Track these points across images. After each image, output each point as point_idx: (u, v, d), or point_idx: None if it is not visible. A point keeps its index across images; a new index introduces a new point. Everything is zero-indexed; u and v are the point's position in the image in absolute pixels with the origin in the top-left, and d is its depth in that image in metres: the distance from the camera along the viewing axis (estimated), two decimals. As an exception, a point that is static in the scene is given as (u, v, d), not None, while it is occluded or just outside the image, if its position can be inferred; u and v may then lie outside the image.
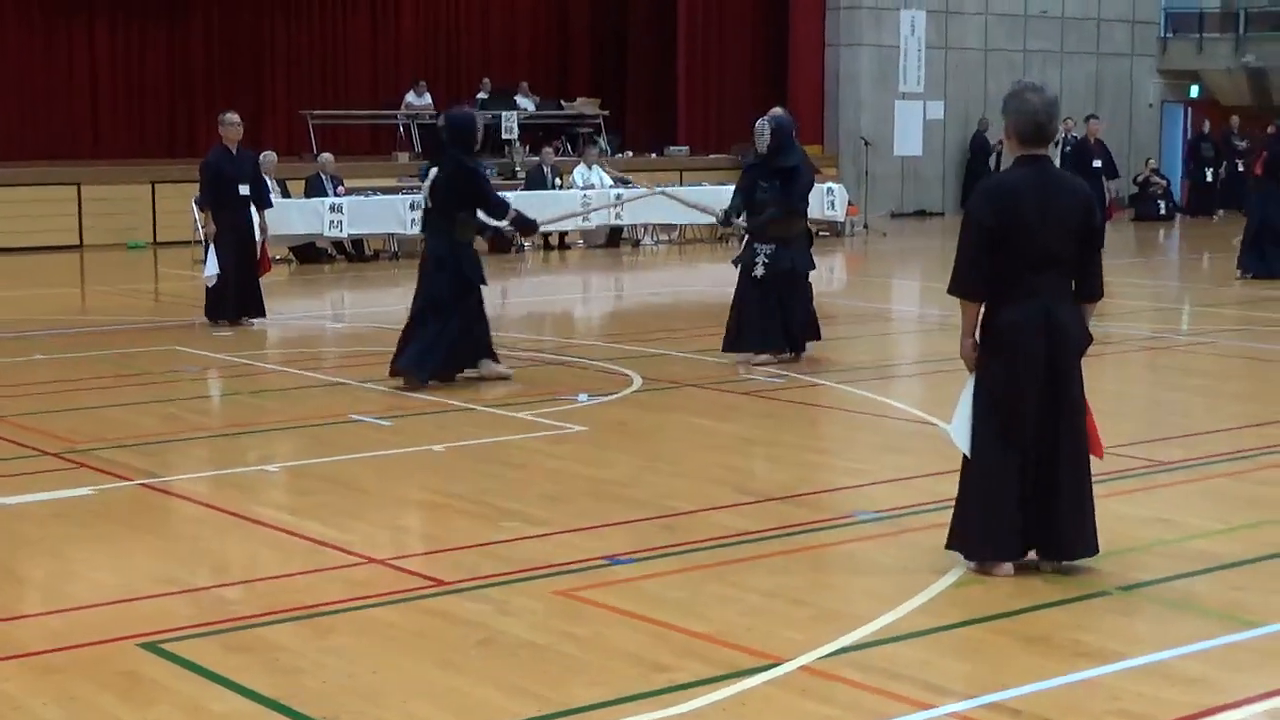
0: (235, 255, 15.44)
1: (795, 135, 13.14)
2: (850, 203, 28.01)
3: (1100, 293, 6.92)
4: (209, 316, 15.53)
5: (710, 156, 30.96)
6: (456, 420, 10.44)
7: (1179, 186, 35.23)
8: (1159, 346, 14.16)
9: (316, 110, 29.18)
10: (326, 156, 23.96)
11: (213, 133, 29.72)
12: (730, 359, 12.70)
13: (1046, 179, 6.73)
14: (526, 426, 10.16)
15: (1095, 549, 6.78)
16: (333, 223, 22.13)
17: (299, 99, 30.02)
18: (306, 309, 18.13)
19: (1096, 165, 23.85)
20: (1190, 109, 37.84)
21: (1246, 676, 5.58)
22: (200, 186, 15.79)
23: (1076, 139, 24.40)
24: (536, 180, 25.08)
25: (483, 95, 30.56)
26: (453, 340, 11.66)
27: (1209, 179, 33.75)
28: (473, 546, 7.27)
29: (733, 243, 20.13)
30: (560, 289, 20.73)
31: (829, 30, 32.68)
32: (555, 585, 6.60)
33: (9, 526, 7.67)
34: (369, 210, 23.00)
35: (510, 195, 13.92)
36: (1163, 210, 32.95)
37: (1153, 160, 34.04)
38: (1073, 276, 6.79)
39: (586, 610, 6.28)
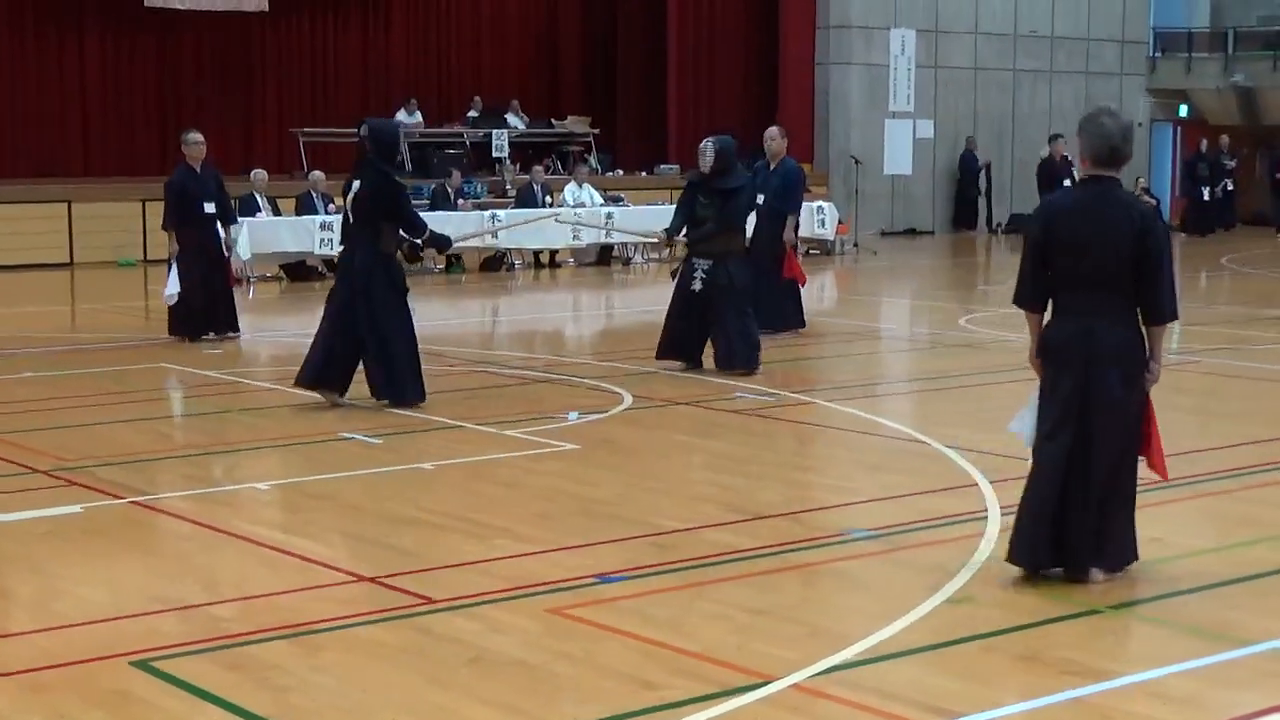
0: (202, 273, 15.49)
1: (737, 156, 13.49)
2: (840, 221, 28.04)
3: (1166, 315, 6.91)
4: (174, 334, 15.57)
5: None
6: (446, 438, 10.43)
7: (1168, 205, 35.30)
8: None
9: (307, 128, 29.18)
10: (317, 174, 23.94)
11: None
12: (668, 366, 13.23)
13: (1104, 201, 6.84)
14: (517, 444, 10.15)
15: (1112, 563, 6.87)
16: (323, 240, 22.09)
17: (290, 117, 30.02)
18: (297, 326, 18.08)
19: (1066, 184, 23.89)
20: (1179, 128, 37.95)
21: (1239, 695, 5.58)
22: (165, 206, 15.79)
23: (1043, 159, 24.37)
24: (527, 199, 25.09)
25: (474, 113, 30.60)
26: (413, 346, 11.64)
27: (1206, 198, 33.81)
28: (463, 564, 7.26)
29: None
30: (550, 307, 20.73)
31: (819, 49, 32.74)
32: (545, 603, 6.59)
33: (-2, 544, 7.66)
34: (359, 228, 22.93)
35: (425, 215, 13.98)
36: (1151, 229, 32.99)
37: (1143, 179, 34.10)
38: (1129, 297, 6.85)
39: (577, 628, 6.27)
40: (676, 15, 32.05)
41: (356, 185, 11.64)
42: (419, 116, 29.81)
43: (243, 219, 22.25)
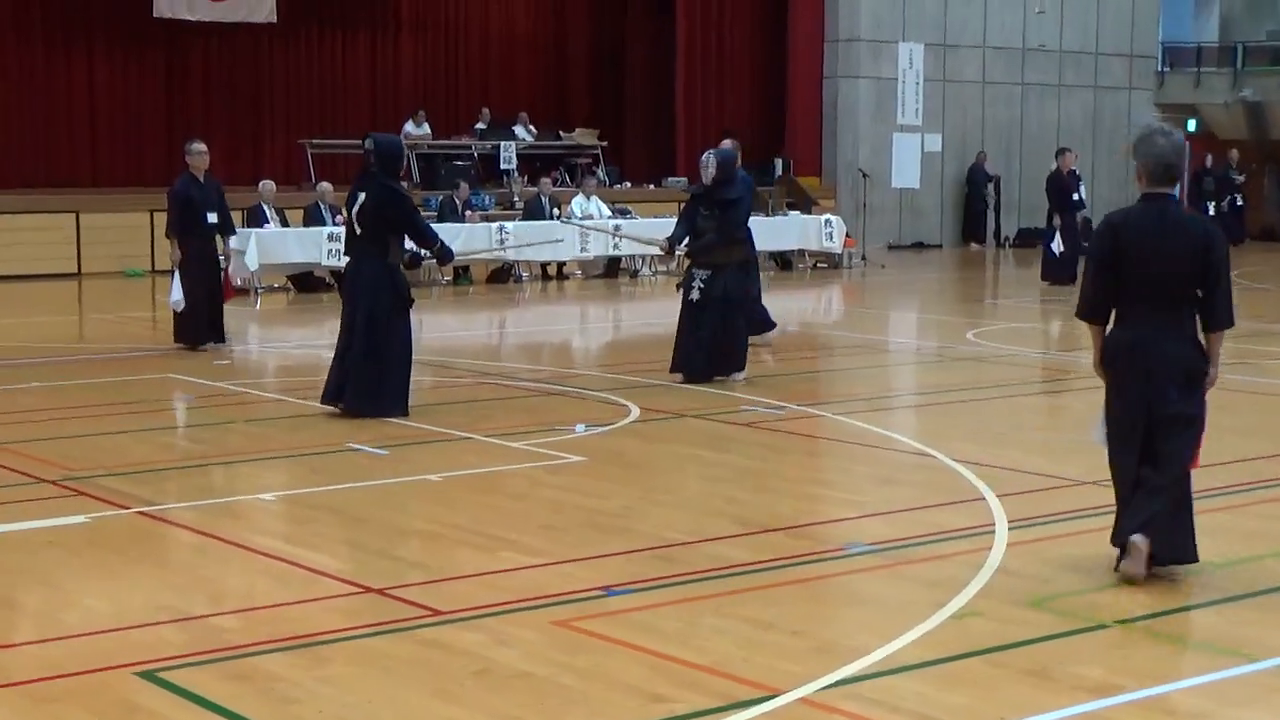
0: (205, 282, 15.58)
1: (739, 167, 13.75)
2: (848, 235, 28.03)
3: (1224, 323, 7.22)
4: (179, 341, 15.64)
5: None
6: (454, 450, 10.42)
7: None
8: (1157, 379, 14.13)
9: (315, 139, 29.22)
10: (325, 186, 23.97)
11: (212, 162, 29.91)
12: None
13: (1165, 217, 7.15)
14: (524, 456, 10.14)
15: (1181, 555, 7.17)
16: (331, 252, 22.08)
17: (297, 128, 30.07)
18: (303, 338, 18.11)
19: (1076, 197, 23.91)
20: (1188, 143, 37.90)
21: (1246, 711, 5.56)
22: (168, 215, 15.86)
23: (1051, 172, 24.38)
24: (535, 211, 25.09)
25: (481, 125, 30.63)
26: (407, 361, 11.70)
27: (1211, 212, 33.78)
28: (470, 576, 7.25)
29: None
30: (558, 319, 20.73)
31: (827, 62, 32.76)
32: (552, 615, 6.57)
33: (4, 554, 7.64)
34: (367, 240, 22.96)
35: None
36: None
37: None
38: (1190, 308, 7.17)
39: (584, 641, 6.26)
40: (685, 28, 32.08)
41: (362, 198, 11.63)
42: (427, 128, 29.84)
43: (250, 230, 22.33)
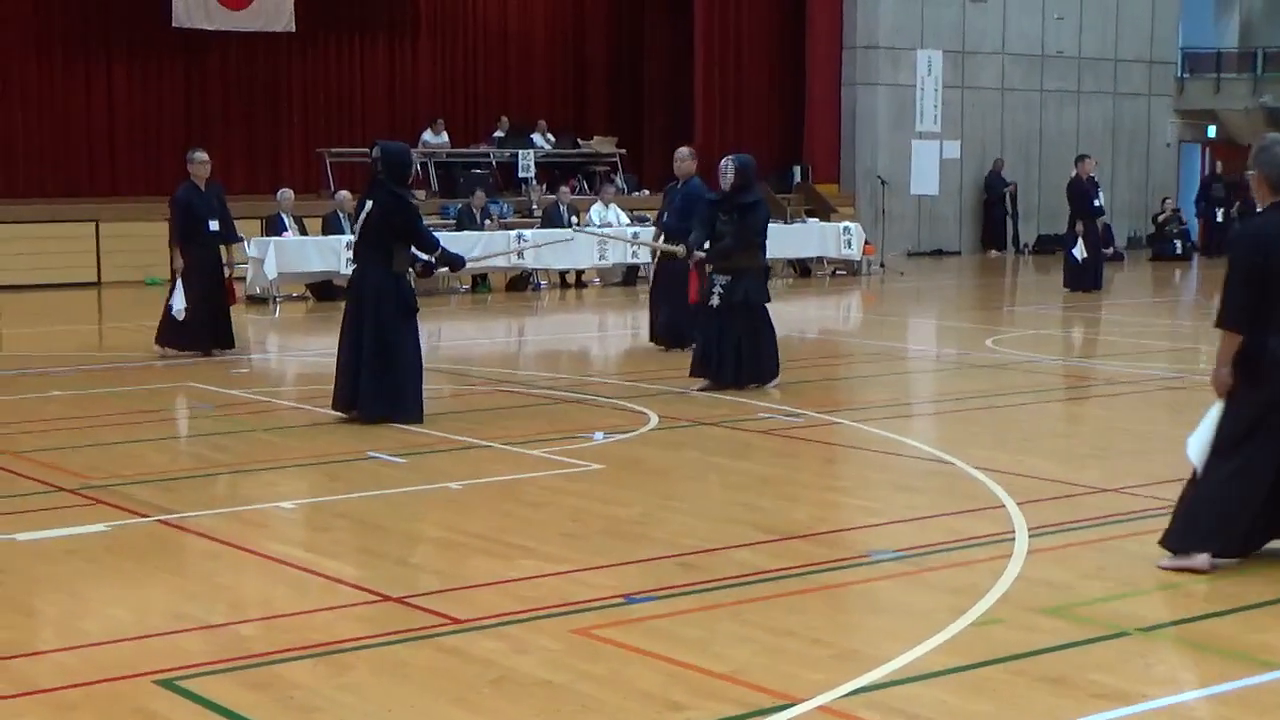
0: (207, 289, 15.65)
1: (756, 175, 13.83)
2: (867, 242, 28.03)
3: None
4: (182, 349, 15.72)
5: (727, 195, 30.94)
6: (473, 457, 10.42)
7: (1195, 226, 35.24)
8: (1178, 386, 14.10)
9: (334, 148, 29.28)
10: (344, 194, 24.01)
11: (231, 171, 30.07)
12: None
13: None
14: (543, 464, 10.13)
15: None
16: (349, 260, 22.10)
17: (316, 137, 30.14)
18: (322, 346, 18.11)
19: (1096, 204, 23.87)
20: (1208, 149, 37.85)
21: (1268, 719, 5.53)
22: (170, 223, 15.92)
23: (1071, 179, 24.33)
24: (553, 219, 25.11)
25: (500, 133, 30.68)
26: (418, 367, 11.76)
27: (1220, 219, 33.73)
28: (488, 584, 7.24)
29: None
30: (577, 327, 20.73)
31: (846, 70, 32.78)
32: (571, 623, 6.56)
33: (25, 563, 7.66)
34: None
35: (440, 235, 14.14)
36: (1179, 250, 32.91)
37: (1170, 200, 34.03)
38: None
39: (602, 649, 6.25)
40: (703, 36, 32.10)
41: (369, 206, 11.67)
42: (445, 136, 29.89)
43: (269, 238, 22.40)
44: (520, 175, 29.43)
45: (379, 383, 11.57)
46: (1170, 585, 7.18)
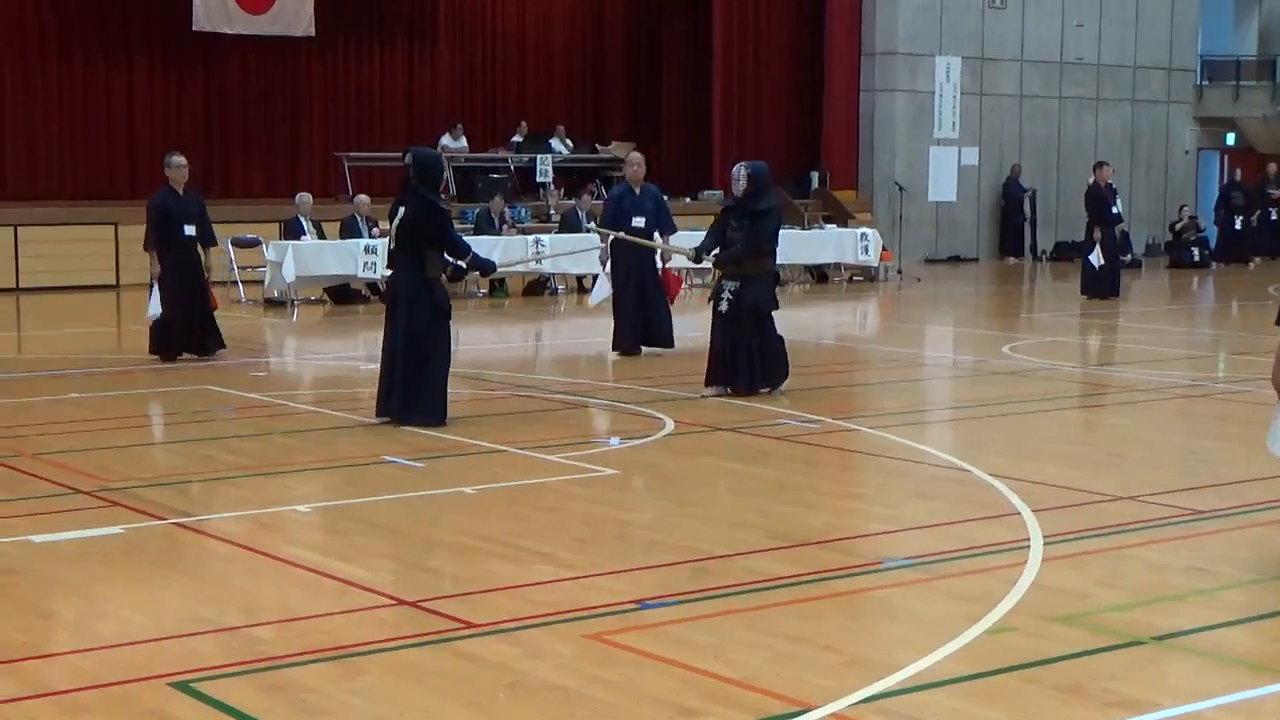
0: (182, 294, 15.69)
1: (770, 183, 13.77)
2: (884, 248, 28.01)
3: None
4: (154, 353, 15.79)
5: (745, 201, 30.95)
6: (488, 462, 10.43)
7: (1214, 233, 35.16)
8: (1196, 394, 14.08)
9: (352, 152, 29.34)
10: (362, 198, 24.06)
11: (250, 174, 30.15)
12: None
13: None
14: (558, 469, 10.14)
15: None
16: (366, 264, 22.19)
17: (335, 141, 30.21)
18: (339, 350, 18.17)
19: (1115, 211, 23.84)
20: (1226, 156, 37.78)
21: (1282, 728, 5.53)
22: (146, 228, 15.95)
23: (1089, 186, 24.30)
24: (571, 224, 25.12)
25: (518, 138, 30.71)
26: (446, 371, 11.86)
27: (1238, 226, 33.64)
28: (503, 589, 7.25)
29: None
30: (594, 331, 20.70)
31: (864, 76, 32.76)
32: (584, 629, 6.57)
33: (41, 565, 7.68)
34: (403, 252, 23.03)
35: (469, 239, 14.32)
36: (1197, 257, 32.84)
37: (1187, 207, 33.94)
38: None
39: (615, 654, 6.25)
40: (721, 41, 32.12)
41: (402, 211, 11.77)
42: (464, 141, 29.93)
43: (287, 242, 22.45)
44: (538, 180, 29.46)
45: (410, 386, 11.67)
46: (1185, 594, 7.17)
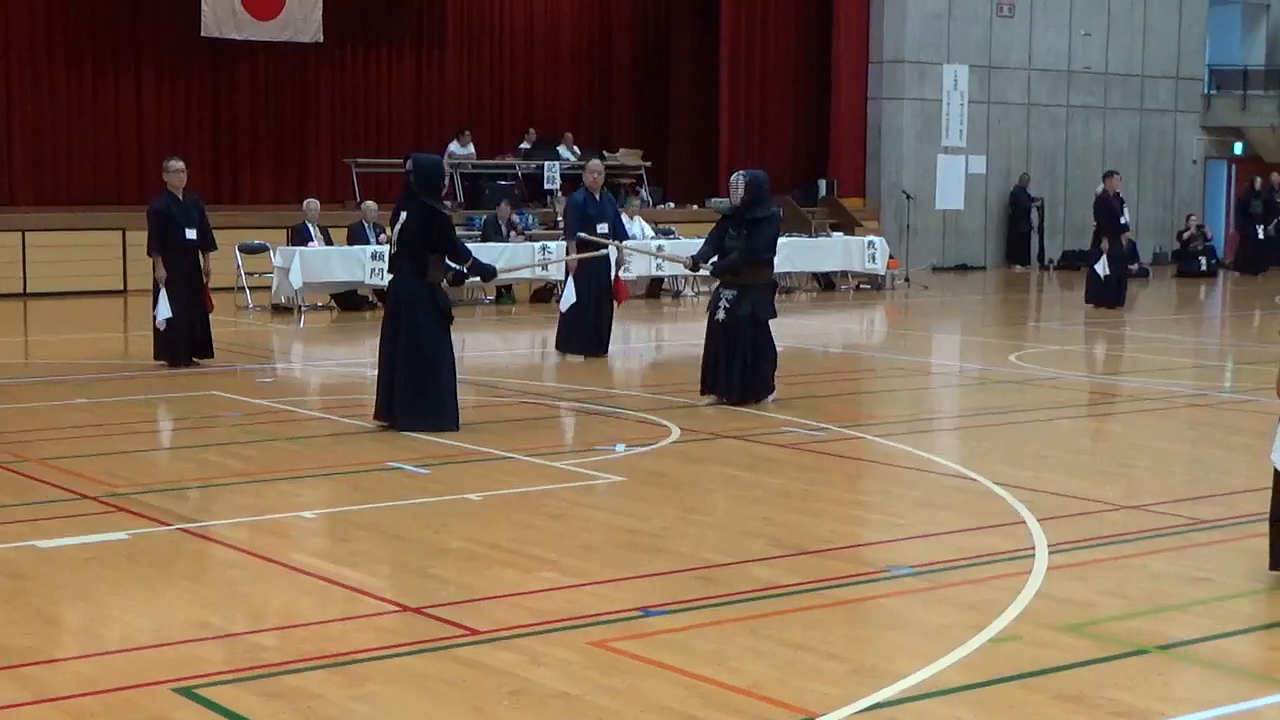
0: (186, 299, 15.73)
1: (768, 192, 13.75)
2: (891, 256, 28.02)
3: None
4: (161, 358, 15.81)
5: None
6: (494, 469, 10.44)
7: (1222, 242, 35.12)
8: (1201, 404, 14.08)
9: (360, 158, 29.37)
10: (369, 204, 24.08)
11: (258, 180, 30.17)
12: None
13: None
14: (564, 476, 10.15)
15: None
16: (374, 270, 22.19)
17: (343, 147, 30.23)
18: (346, 356, 18.18)
19: (1123, 220, 23.84)
20: (1234, 166, 37.75)
21: (1286, 739, 5.52)
22: (148, 233, 15.97)
23: (1098, 194, 24.31)
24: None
25: (526, 145, 30.73)
26: (452, 376, 11.94)
27: (1260, 236, 33.55)
28: (507, 596, 7.25)
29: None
30: (600, 339, 20.69)
31: (872, 84, 32.77)
32: (589, 636, 6.57)
33: (45, 570, 7.69)
34: (410, 258, 23.05)
35: (475, 246, 14.47)
36: (1204, 267, 32.80)
37: (1195, 216, 33.91)
38: None
39: (620, 661, 6.26)
40: (729, 49, 32.14)
41: (404, 217, 11.81)
42: (471, 148, 29.95)
43: (294, 248, 22.48)
44: (546, 187, 29.49)
45: (415, 392, 11.70)
46: (1189, 604, 7.17)
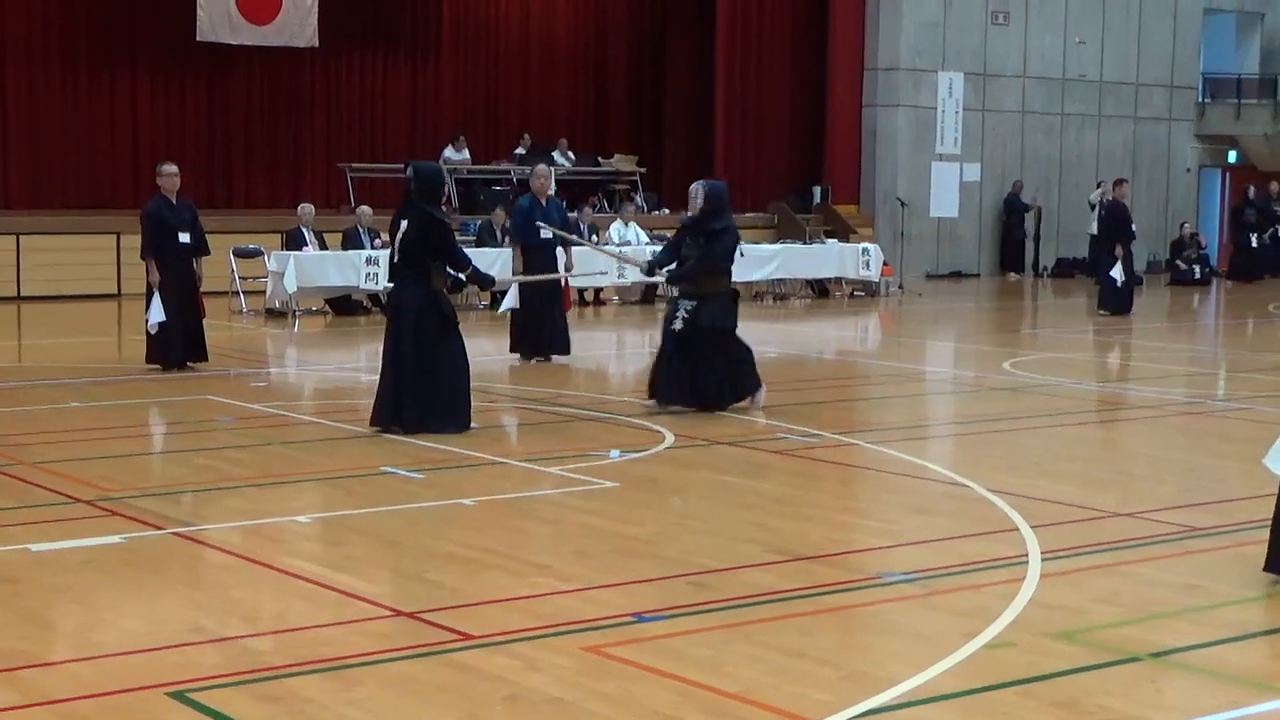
0: (179, 303, 15.71)
1: (727, 203, 13.88)
2: (885, 263, 28.05)
3: None
4: (153, 362, 15.79)
5: (747, 215, 31.04)
6: (488, 474, 10.44)
7: (1216, 251, 35.16)
8: (1195, 412, 14.10)
9: (355, 163, 29.37)
10: (364, 209, 24.08)
11: (252, 185, 30.17)
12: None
13: None
14: (558, 481, 10.16)
15: None
16: (368, 275, 22.20)
17: (337, 152, 30.23)
18: (341, 360, 18.19)
19: (1134, 228, 23.94)
20: (1228, 174, 37.80)
21: (1278, 746, 5.53)
22: (142, 237, 15.98)
23: (1109, 202, 24.41)
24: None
25: (521, 150, 30.74)
26: (464, 377, 12.02)
27: (1253, 244, 33.61)
28: (501, 601, 7.26)
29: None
30: (594, 344, 20.74)
31: (867, 91, 32.80)
32: (583, 641, 6.58)
33: (40, 573, 7.69)
34: (405, 263, 23.04)
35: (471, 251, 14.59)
36: (1198, 275, 32.85)
37: (1188, 224, 33.96)
38: None
39: (614, 667, 6.26)
40: (724, 55, 32.16)
41: (404, 225, 11.85)
42: (466, 153, 29.96)
43: (289, 253, 22.48)
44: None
45: (423, 397, 11.76)
46: (1183, 611, 7.18)
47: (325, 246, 23.43)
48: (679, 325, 13.12)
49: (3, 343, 19.25)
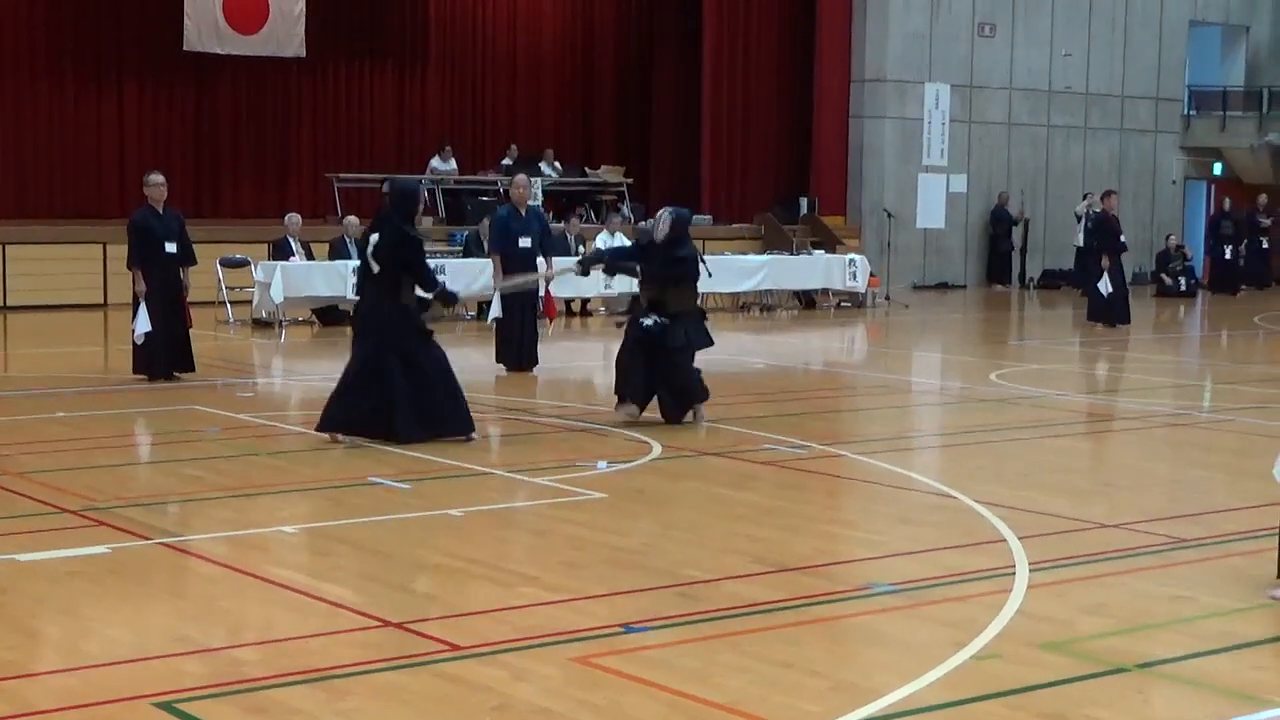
0: (165, 313, 15.67)
1: (688, 232, 13.81)
2: (872, 274, 28.08)
3: None
4: (139, 373, 15.75)
5: (733, 226, 31.08)
6: (475, 484, 10.44)
7: (1201, 263, 35.24)
8: (1180, 423, 14.12)
9: (342, 174, 29.36)
10: (351, 219, 24.07)
11: (239, 195, 30.16)
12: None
13: None
14: (545, 492, 10.15)
15: None
16: (355, 286, 22.14)
17: (324, 162, 30.23)
18: (327, 370, 18.13)
19: (1122, 240, 24.01)
20: (1213, 186, 37.90)
21: (1265, 757, 5.54)
22: (129, 247, 15.96)
23: (1098, 214, 24.49)
24: (560, 247, 25.10)
25: (508, 161, 30.74)
26: (451, 380, 12.06)
27: (1229, 256, 33.75)
28: (489, 611, 7.25)
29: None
30: (582, 355, 20.75)
31: (853, 102, 32.85)
32: (571, 652, 6.57)
33: (25, 583, 7.67)
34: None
35: (446, 261, 14.67)
36: (1183, 286, 32.90)
37: (1174, 236, 34.02)
38: None
39: (601, 677, 6.26)
40: (711, 66, 32.20)
41: (375, 239, 12.01)
42: (453, 164, 29.97)
43: (276, 263, 22.46)
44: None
45: (422, 407, 11.83)
46: (1169, 622, 7.19)
47: (312, 256, 23.42)
48: (650, 323, 13.04)
49: (-12, 352, 19.22)
